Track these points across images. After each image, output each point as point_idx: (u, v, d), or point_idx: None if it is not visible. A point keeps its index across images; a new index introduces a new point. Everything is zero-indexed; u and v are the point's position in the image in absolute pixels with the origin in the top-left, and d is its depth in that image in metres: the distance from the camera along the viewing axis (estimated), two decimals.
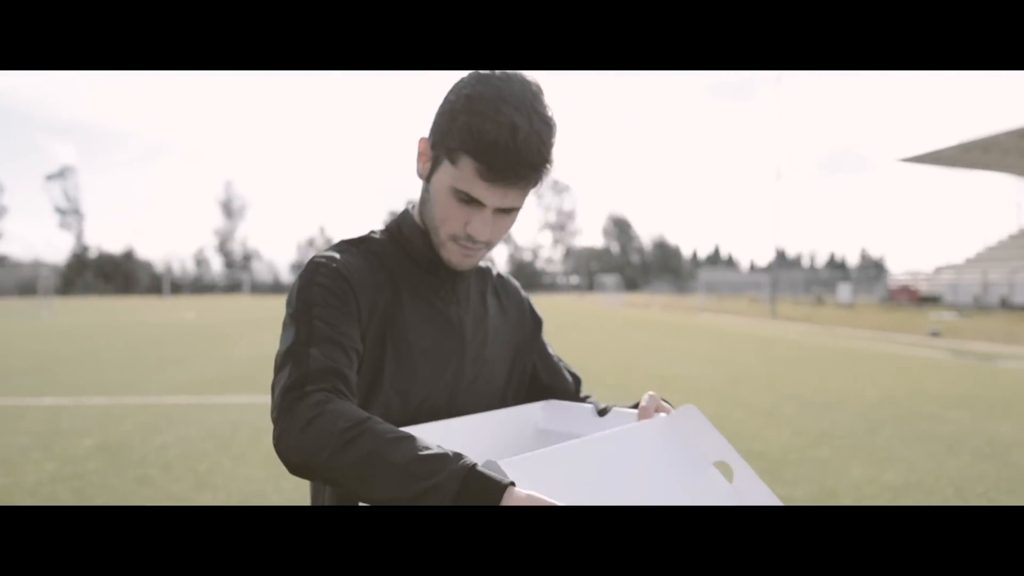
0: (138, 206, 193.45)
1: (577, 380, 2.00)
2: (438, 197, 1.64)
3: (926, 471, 7.42)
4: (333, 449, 1.34)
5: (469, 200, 1.60)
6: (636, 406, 1.73)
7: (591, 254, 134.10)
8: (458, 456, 1.28)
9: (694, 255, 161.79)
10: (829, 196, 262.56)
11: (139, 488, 6.54)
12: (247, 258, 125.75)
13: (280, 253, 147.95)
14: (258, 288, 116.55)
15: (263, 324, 31.60)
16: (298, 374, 1.45)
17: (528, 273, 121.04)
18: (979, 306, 45.13)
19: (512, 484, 1.22)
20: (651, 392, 1.66)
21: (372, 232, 1.80)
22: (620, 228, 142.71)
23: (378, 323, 1.65)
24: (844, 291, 55.28)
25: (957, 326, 30.08)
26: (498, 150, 1.52)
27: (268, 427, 9.21)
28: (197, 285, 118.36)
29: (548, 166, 1.58)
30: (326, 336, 1.52)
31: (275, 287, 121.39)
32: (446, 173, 1.61)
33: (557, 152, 1.59)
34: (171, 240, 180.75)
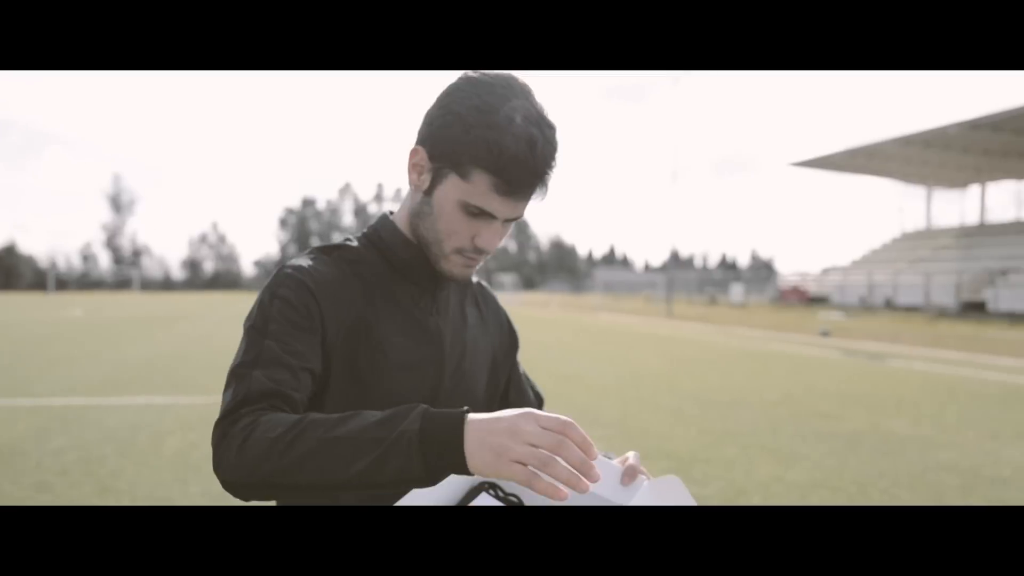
0: (20, 199, 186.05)
1: (540, 400, 1.97)
2: (444, 211, 1.59)
3: (829, 469, 7.61)
4: (278, 453, 1.30)
5: (480, 213, 1.57)
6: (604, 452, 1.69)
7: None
8: (409, 406, 1.29)
9: (590, 254, 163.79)
10: (721, 198, 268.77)
11: (37, 495, 6.25)
12: (137, 254, 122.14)
13: (171, 249, 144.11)
14: (148, 285, 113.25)
15: (157, 322, 30.71)
16: (236, 400, 1.42)
17: None
18: (865, 306, 46.71)
19: (467, 410, 1.26)
20: (635, 452, 1.60)
21: (347, 239, 1.75)
22: (517, 227, 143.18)
23: (348, 335, 1.60)
24: (736, 291, 56.53)
25: (845, 326, 31.07)
26: (518, 165, 1.50)
27: (170, 429, 8.96)
28: (84, 281, 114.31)
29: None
30: (275, 357, 1.47)
31: (166, 284, 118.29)
32: (454, 187, 1.57)
33: None
34: (56, 234, 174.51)
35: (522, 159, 1.50)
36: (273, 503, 1.60)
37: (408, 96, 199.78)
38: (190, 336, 23.43)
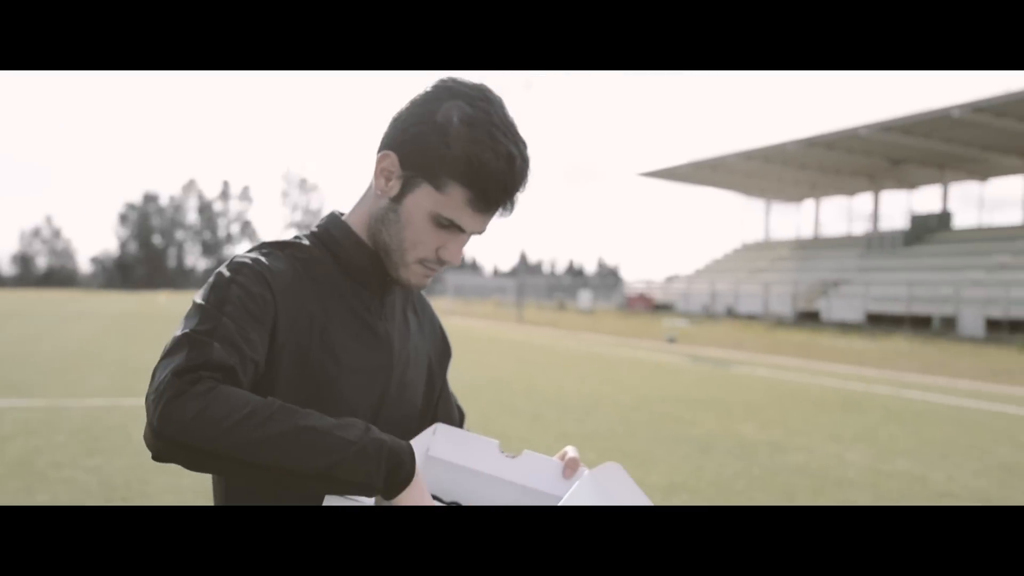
0: None
1: (462, 415, 1.94)
2: (412, 220, 1.56)
3: (687, 472, 7.82)
4: (251, 427, 1.29)
5: (450, 226, 1.55)
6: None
7: None
8: (365, 425, 1.36)
9: None
10: (570, 205, 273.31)
11: None
12: None
13: (1, 243, 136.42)
14: None
15: None
16: (194, 361, 1.35)
17: None
18: (708, 314, 48.28)
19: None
20: (573, 447, 1.64)
21: (298, 237, 1.67)
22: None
23: (299, 335, 1.54)
24: (585, 298, 57.59)
25: (690, 333, 32.04)
26: (496, 182, 1.50)
27: (10, 434, 8.45)
28: None
29: None
30: (230, 337, 1.41)
31: None
32: (426, 198, 1.54)
33: None
34: None
35: (501, 176, 1.49)
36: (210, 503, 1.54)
37: (254, 96, 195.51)
38: (24, 335, 22.23)
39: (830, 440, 9.68)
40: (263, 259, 1.56)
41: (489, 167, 1.48)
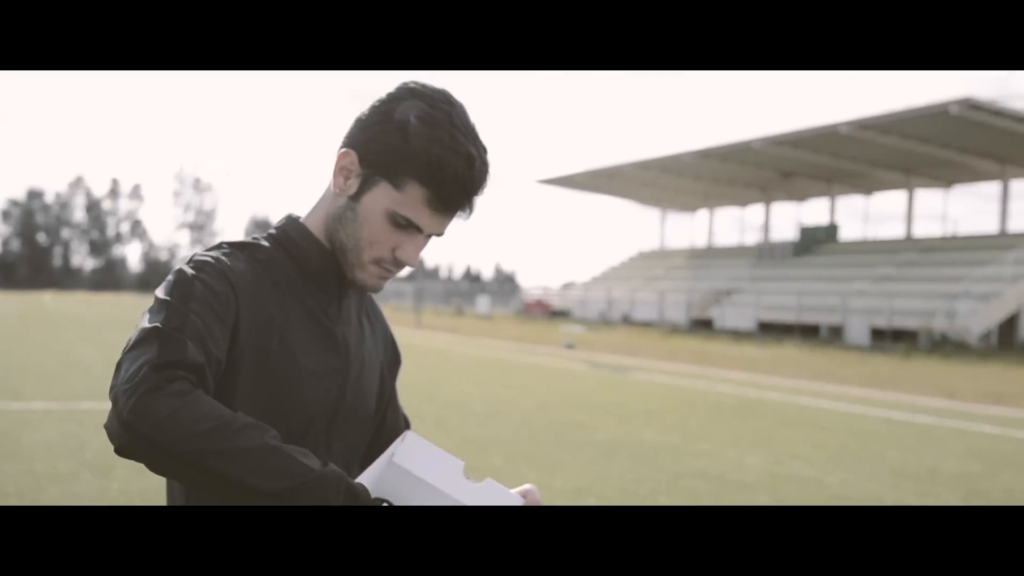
0: None
1: (408, 424, 1.92)
2: (369, 219, 1.55)
3: (592, 476, 7.90)
4: (222, 437, 1.29)
5: (407, 225, 1.54)
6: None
7: None
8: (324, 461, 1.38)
9: None
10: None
11: None
12: None
13: None
14: None
15: None
16: (169, 358, 1.33)
17: (164, 273, 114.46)
18: (604, 321, 48.84)
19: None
20: (533, 485, 1.65)
21: (256, 238, 1.64)
22: (262, 230, 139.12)
23: (260, 336, 1.52)
24: (483, 303, 57.64)
25: (588, 339, 32.36)
26: (455, 182, 1.50)
27: None
28: None
29: None
30: (199, 334, 1.39)
31: None
32: (384, 196, 1.53)
33: None
34: None
35: (460, 176, 1.50)
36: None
37: (147, 93, 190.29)
38: None
39: (729, 445, 9.89)
40: (224, 258, 1.53)
41: (449, 167, 1.48)
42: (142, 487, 6.70)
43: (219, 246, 1.58)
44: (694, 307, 45.70)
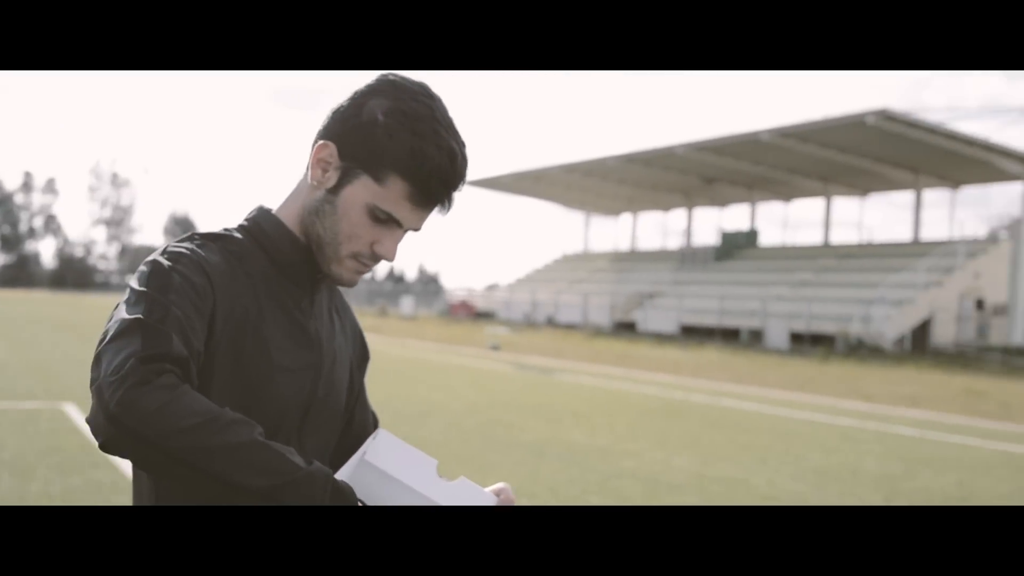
0: None
1: (376, 422, 1.88)
2: (347, 212, 1.53)
3: (523, 476, 7.92)
4: (208, 433, 1.27)
5: (387, 220, 1.53)
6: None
7: (149, 253, 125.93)
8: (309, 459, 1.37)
9: None
10: None
11: None
12: None
13: None
14: None
15: None
16: (158, 349, 1.31)
17: (79, 270, 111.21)
18: (529, 323, 48.98)
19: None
20: (506, 483, 1.63)
21: (228, 230, 1.60)
22: (182, 228, 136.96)
23: (234, 330, 1.48)
24: (407, 304, 57.35)
25: (513, 341, 32.44)
26: (437, 176, 1.49)
27: None
28: None
29: None
30: (181, 327, 1.36)
31: None
32: (364, 190, 1.51)
33: None
34: None
35: (443, 171, 1.49)
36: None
37: (62, 86, 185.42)
38: None
39: (657, 446, 10.00)
40: (199, 249, 1.50)
41: (432, 161, 1.47)
42: (64, 488, 6.52)
43: (191, 237, 1.55)
44: (617, 310, 46.09)
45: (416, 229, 1.57)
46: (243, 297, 1.51)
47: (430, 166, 1.47)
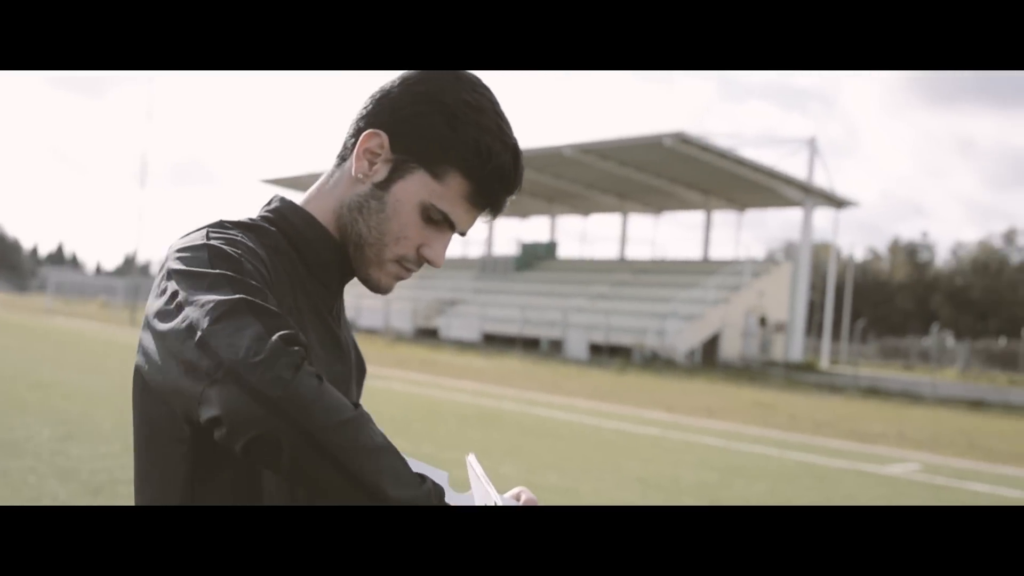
0: None
1: None
2: (397, 211, 1.37)
3: None
4: (354, 424, 1.11)
5: (440, 221, 1.38)
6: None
7: None
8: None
9: (35, 251, 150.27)
10: (179, 207, 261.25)
11: None
12: None
13: None
14: None
15: None
16: (286, 330, 1.12)
17: None
18: None
19: None
20: (524, 488, 1.52)
21: (255, 220, 1.41)
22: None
23: None
24: None
25: None
26: (501, 176, 1.37)
27: None
28: None
29: None
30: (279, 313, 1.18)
31: None
32: (420, 186, 1.36)
33: None
34: None
35: (506, 170, 1.37)
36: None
37: None
38: None
39: (481, 455, 9.96)
40: (243, 239, 1.31)
41: (498, 158, 1.35)
42: None
43: (220, 224, 1.35)
44: (419, 316, 46.07)
45: (463, 233, 1.43)
46: (286, 297, 1.33)
47: (495, 163, 1.35)
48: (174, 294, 1.20)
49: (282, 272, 1.35)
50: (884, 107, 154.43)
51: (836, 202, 44.01)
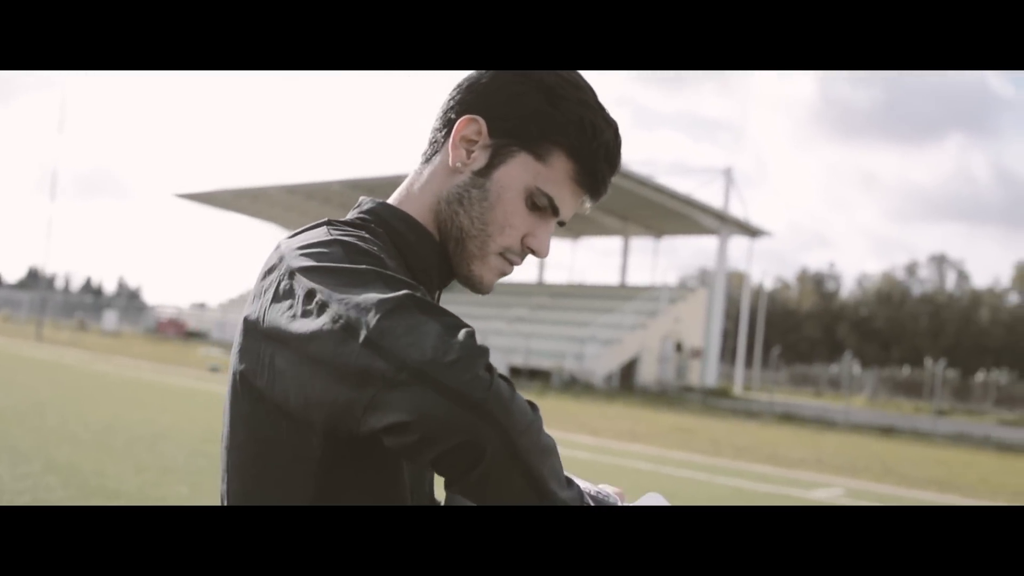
0: None
1: None
2: (501, 197, 1.28)
3: None
4: (536, 427, 1.06)
5: (546, 207, 1.29)
6: None
7: None
8: None
9: None
10: (85, 219, 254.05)
11: None
12: None
13: None
14: None
15: None
16: (470, 328, 1.08)
17: None
18: None
19: None
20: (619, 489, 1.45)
21: (359, 219, 1.31)
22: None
23: None
24: (110, 318, 53.81)
25: (228, 362, 31.21)
26: (607, 155, 1.28)
27: None
28: None
29: None
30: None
31: None
32: (524, 170, 1.27)
33: None
34: None
35: (610, 148, 1.29)
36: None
37: None
38: None
39: None
40: (366, 235, 1.25)
41: (603, 135, 1.27)
42: None
43: (333, 222, 1.27)
44: None
45: (564, 222, 1.34)
46: None
47: (600, 140, 1.27)
48: (310, 292, 1.11)
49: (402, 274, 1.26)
50: (792, 139, 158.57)
51: (751, 231, 44.96)
